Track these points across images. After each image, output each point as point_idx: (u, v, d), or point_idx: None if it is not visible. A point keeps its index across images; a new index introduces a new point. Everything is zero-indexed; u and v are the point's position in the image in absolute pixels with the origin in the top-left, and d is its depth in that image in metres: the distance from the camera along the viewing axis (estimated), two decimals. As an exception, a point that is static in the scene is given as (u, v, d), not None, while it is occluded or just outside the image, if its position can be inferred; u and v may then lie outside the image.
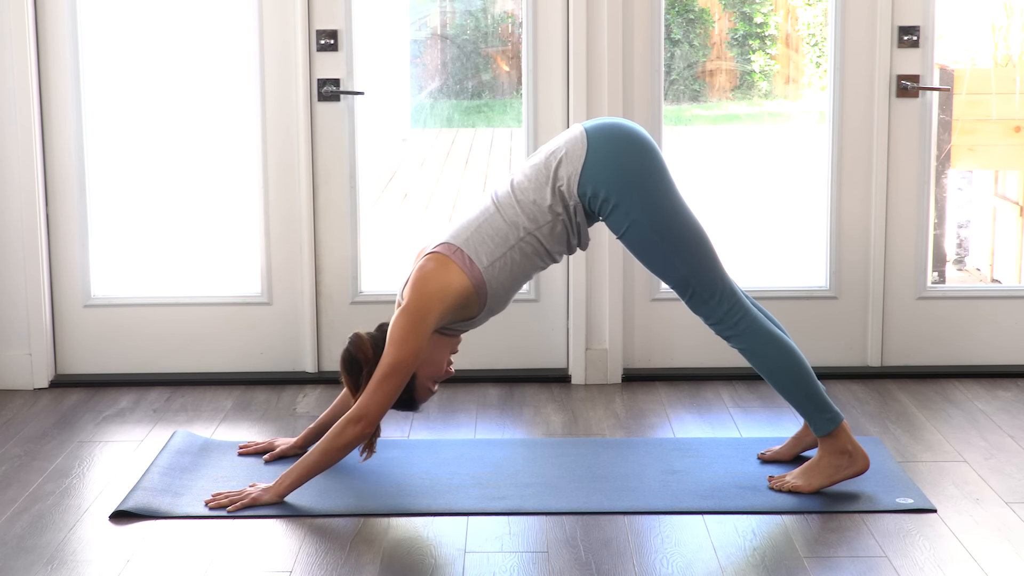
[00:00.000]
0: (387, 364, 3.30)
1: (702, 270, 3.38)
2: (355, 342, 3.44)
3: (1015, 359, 4.48)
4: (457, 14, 4.83)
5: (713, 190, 5.36)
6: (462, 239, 3.36)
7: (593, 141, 3.36)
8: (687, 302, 3.42)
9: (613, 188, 3.33)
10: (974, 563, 3.02)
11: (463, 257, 3.34)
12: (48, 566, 3.04)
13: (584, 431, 3.98)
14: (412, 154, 5.08)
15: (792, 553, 3.09)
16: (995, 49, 5.07)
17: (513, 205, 3.36)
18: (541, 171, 3.38)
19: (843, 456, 3.40)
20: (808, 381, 3.42)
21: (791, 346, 3.43)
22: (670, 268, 3.39)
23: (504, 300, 3.43)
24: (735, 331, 3.40)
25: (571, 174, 3.34)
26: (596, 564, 3.04)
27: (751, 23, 4.84)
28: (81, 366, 4.48)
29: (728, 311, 3.40)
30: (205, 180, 4.66)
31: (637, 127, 3.44)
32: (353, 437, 3.32)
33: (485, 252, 3.34)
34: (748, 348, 3.41)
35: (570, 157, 3.36)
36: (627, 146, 3.37)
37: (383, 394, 3.31)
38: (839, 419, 3.40)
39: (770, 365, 3.41)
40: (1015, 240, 5.18)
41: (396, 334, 3.31)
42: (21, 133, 4.29)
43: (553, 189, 3.35)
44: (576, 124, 3.46)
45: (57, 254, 4.42)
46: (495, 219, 3.37)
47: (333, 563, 3.07)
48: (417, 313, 3.31)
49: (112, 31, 4.47)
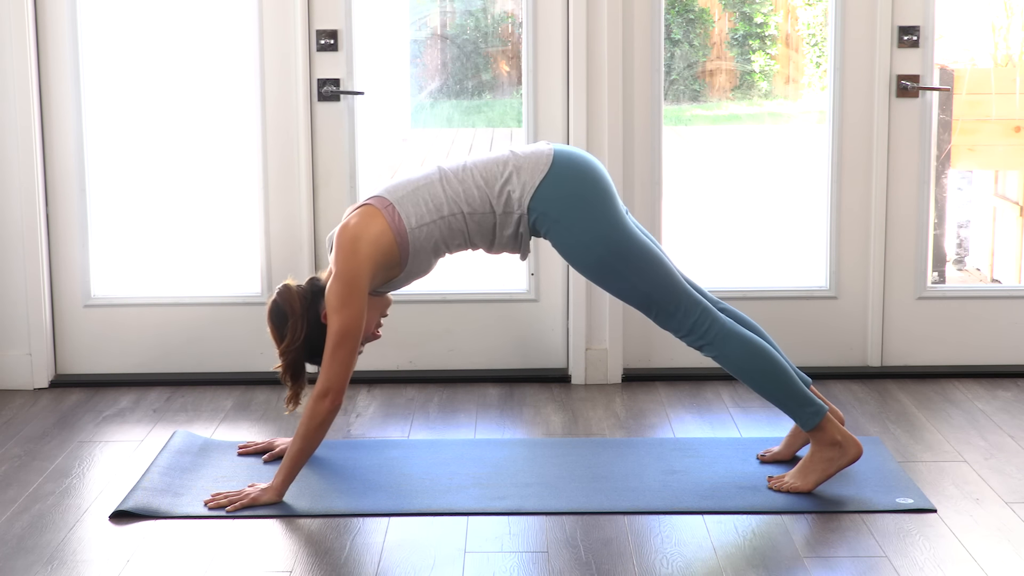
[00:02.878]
0: (335, 333, 3.31)
1: (661, 287, 3.39)
2: (283, 293, 3.44)
3: (1015, 359, 4.48)
4: (457, 14, 4.83)
5: (713, 190, 5.36)
6: (396, 196, 3.38)
7: (558, 162, 3.38)
8: (653, 319, 3.45)
9: (564, 211, 3.35)
10: (974, 563, 3.02)
11: (393, 213, 3.36)
12: (48, 566, 3.04)
13: (584, 431, 3.98)
14: (412, 154, 5.08)
15: (792, 553, 3.09)
16: (995, 49, 5.07)
17: (459, 182, 3.39)
18: (498, 167, 3.40)
19: (834, 447, 3.40)
20: (786, 379, 3.41)
21: (764, 346, 3.42)
22: (629, 289, 3.41)
23: (425, 265, 3.44)
24: (705, 340, 3.41)
25: (526, 184, 3.36)
26: (596, 564, 3.04)
27: (751, 23, 4.84)
28: (81, 366, 4.48)
29: (695, 322, 3.41)
30: (205, 180, 4.66)
31: (598, 162, 3.47)
32: (326, 412, 3.33)
33: (415, 214, 3.36)
34: (721, 355, 3.42)
35: (530, 169, 3.38)
36: (585, 176, 3.38)
37: (340, 363, 3.32)
38: (823, 411, 3.40)
39: (745, 368, 3.41)
40: (1015, 240, 5.18)
41: (334, 301, 3.32)
42: (21, 133, 4.29)
43: (502, 189, 3.37)
44: (546, 142, 3.48)
45: (57, 254, 4.42)
46: (435, 187, 3.39)
47: (333, 563, 3.07)
48: (350, 276, 3.32)
49: (112, 31, 4.47)
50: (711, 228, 5.36)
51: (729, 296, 4.45)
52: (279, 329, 3.45)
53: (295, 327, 3.41)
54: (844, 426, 3.54)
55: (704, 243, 5.27)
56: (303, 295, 3.44)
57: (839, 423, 3.51)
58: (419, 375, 4.47)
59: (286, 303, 3.43)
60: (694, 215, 5.34)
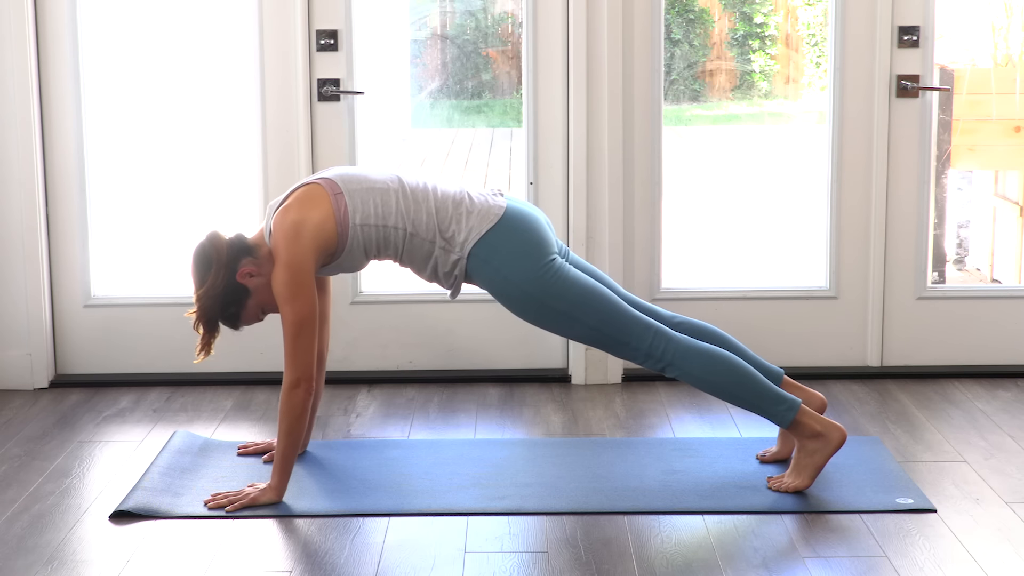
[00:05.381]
0: (290, 323, 3.30)
1: (607, 321, 3.40)
2: (214, 239, 3.39)
3: (1015, 359, 4.48)
4: (457, 14, 4.83)
5: (713, 190, 5.36)
6: (349, 187, 3.37)
7: (508, 215, 3.39)
8: (610, 353, 3.48)
9: (504, 261, 3.36)
10: (974, 563, 3.02)
11: (341, 202, 3.35)
12: (48, 566, 3.04)
13: (584, 431, 3.98)
14: (412, 154, 5.08)
15: (792, 553, 3.09)
16: (995, 49, 5.07)
17: (413, 200, 3.38)
18: (452, 204, 3.40)
19: (817, 439, 3.40)
20: (752, 382, 3.41)
21: (723, 355, 3.42)
22: (577, 327, 3.42)
23: (356, 263, 3.43)
24: (664, 361, 3.41)
25: (472, 229, 3.37)
26: (596, 564, 3.04)
27: (751, 23, 4.84)
28: (81, 366, 4.48)
29: (650, 346, 3.41)
30: (205, 180, 4.66)
31: (543, 216, 3.49)
32: (303, 401, 3.34)
33: (362, 212, 3.36)
34: (683, 373, 3.42)
35: (480, 215, 3.38)
36: (529, 230, 3.40)
37: (303, 351, 3.31)
38: (796, 404, 3.39)
39: (709, 381, 3.42)
40: (1015, 240, 5.18)
41: (284, 291, 3.31)
42: (21, 133, 4.29)
43: (448, 226, 3.37)
44: (502, 194, 3.49)
45: (57, 254, 4.42)
46: (389, 196, 3.38)
47: (333, 563, 3.07)
48: (296, 264, 3.30)
49: (112, 31, 4.47)
50: (711, 228, 5.36)
51: (729, 296, 4.46)
52: (201, 273, 3.38)
53: (217, 274, 3.36)
54: (826, 410, 3.56)
55: (704, 243, 5.27)
56: (230, 246, 3.39)
57: (820, 408, 3.53)
58: (419, 375, 4.47)
59: (213, 248, 3.37)
60: (694, 215, 5.34)
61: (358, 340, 4.48)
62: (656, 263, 4.44)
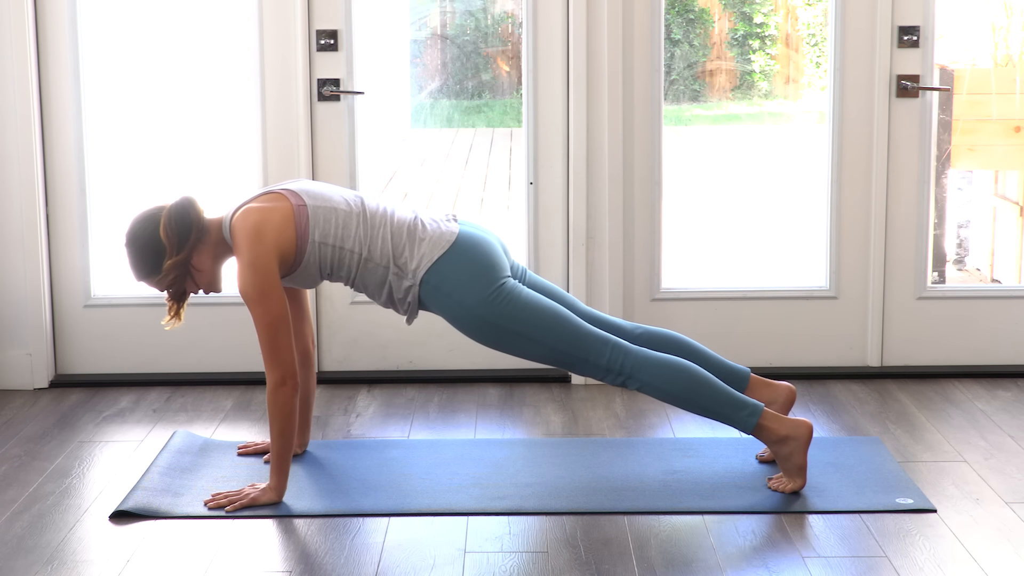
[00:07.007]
0: (265, 324, 3.30)
1: (563, 339, 3.40)
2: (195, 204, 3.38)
3: (1015, 359, 4.48)
4: (457, 14, 4.83)
5: (713, 190, 5.36)
6: (313, 203, 3.37)
7: (460, 241, 3.39)
8: (570, 371, 3.51)
9: (456, 287, 3.36)
10: (974, 563, 3.02)
11: (304, 214, 3.35)
12: (48, 566, 3.04)
13: (584, 431, 3.98)
14: (412, 154, 5.08)
15: (792, 553, 3.09)
16: (995, 49, 5.07)
17: (371, 227, 3.39)
18: (406, 231, 3.40)
19: (785, 443, 3.40)
20: (712, 390, 3.41)
21: (681, 364, 3.42)
22: (533, 348, 3.42)
23: (310, 279, 3.44)
24: (623, 375, 3.42)
25: (424, 256, 3.38)
26: (596, 564, 3.04)
27: (751, 23, 4.84)
28: (81, 366, 4.48)
29: (608, 361, 3.41)
30: (205, 180, 4.66)
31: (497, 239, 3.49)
32: (289, 398, 3.33)
33: (322, 231, 3.36)
34: (644, 385, 3.42)
35: (431, 243, 3.39)
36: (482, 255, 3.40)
37: (283, 349, 3.31)
38: (758, 409, 3.40)
39: (669, 392, 3.42)
40: (1015, 240, 5.18)
41: (253, 293, 3.30)
42: (21, 132, 4.29)
43: (401, 253, 3.38)
44: (456, 219, 3.49)
45: (57, 254, 4.42)
46: (351, 219, 3.39)
47: (333, 563, 3.07)
48: (260, 264, 3.29)
49: (112, 31, 4.47)
50: (711, 228, 5.36)
51: (729, 296, 4.46)
52: (181, 236, 3.36)
53: (194, 240, 3.36)
54: (795, 400, 3.58)
55: (704, 243, 5.27)
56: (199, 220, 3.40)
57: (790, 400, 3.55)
58: (419, 375, 4.47)
59: (194, 213, 3.38)
60: (694, 215, 5.34)
61: (358, 340, 4.48)
62: (656, 263, 4.44)
